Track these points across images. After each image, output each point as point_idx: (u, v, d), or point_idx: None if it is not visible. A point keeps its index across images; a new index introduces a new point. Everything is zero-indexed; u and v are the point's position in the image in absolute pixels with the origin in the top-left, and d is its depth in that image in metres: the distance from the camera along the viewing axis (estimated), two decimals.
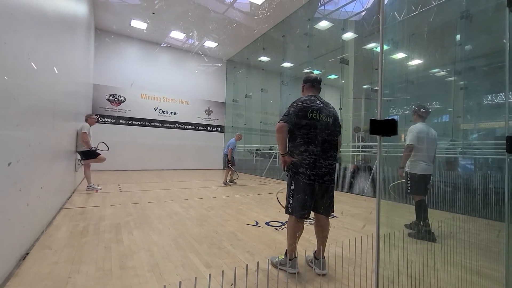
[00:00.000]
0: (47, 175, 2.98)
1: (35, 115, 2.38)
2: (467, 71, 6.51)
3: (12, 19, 1.78)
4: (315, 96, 2.19)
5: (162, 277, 1.94)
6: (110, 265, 2.11)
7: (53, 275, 1.93)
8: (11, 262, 1.94)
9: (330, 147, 2.08)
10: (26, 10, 2.06)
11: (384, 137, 0.92)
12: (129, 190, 5.88)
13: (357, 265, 2.17)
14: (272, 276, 2.02)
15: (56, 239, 2.66)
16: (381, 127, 0.86)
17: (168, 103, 12.27)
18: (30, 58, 2.15)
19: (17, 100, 1.88)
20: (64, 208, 3.97)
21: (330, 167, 2.07)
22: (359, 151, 8.55)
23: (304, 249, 2.58)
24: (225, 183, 7.29)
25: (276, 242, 2.78)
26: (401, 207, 4.82)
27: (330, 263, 2.25)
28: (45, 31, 2.64)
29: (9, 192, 1.82)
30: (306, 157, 2.02)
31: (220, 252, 2.47)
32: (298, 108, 2.06)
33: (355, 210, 4.56)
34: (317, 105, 2.09)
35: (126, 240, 2.69)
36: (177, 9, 9.34)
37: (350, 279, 1.97)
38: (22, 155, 2.03)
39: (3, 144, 1.68)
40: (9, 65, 1.73)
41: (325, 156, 2.05)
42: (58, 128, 3.44)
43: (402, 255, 2.26)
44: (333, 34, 9.70)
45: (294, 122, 2.04)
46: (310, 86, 2.27)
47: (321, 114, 2.07)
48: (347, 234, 3.17)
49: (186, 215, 3.84)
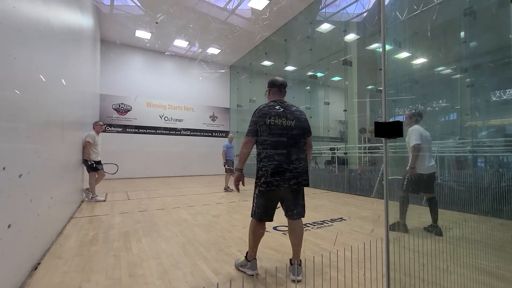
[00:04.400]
0: (57, 185, 3.03)
1: (44, 127, 2.43)
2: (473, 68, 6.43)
3: (21, 34, 1.83)
4: (276, 101, 2.18)
5: (171, 284, 1.94)
6: (120, 274, 2.12)
7: (64, 284, 1.95)
8: (23, 273, 1.97)
9: (294, 150, 2.06)
10: (34, 25, 2.12)
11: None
12: (137, 198, 5.93)
13: (367, 269, 2.14)
14: (280, 281, 2.01)
15: (67, 249, 2.69)
16: (386, 129, 0.85)
17: (173, 111, 12.40)
18: (39, 71, 2.21)
19: (27, 113, 1.93)
20: (74, 217, 4.02)
21: (295, 171, 2.04)
22: (366, 152, 8.47)
23: (313, 255, 2.56)
24: (226, 189, 7.13)
25: (285, 247, 2.75)
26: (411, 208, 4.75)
27: (340, 267, 2.21)
28: (52, 44, 2.72)
29: (20, 203, 1.86)
30: (268, 163, 2.02)
31: (229, 258, 2.46)
32: (257, 116, 2.09)
33: (363, 212, 4.50)
34: (276, 110, 2.08)
35: (135, 248, 2.70)
36: (180, 18, 9.50)
37: (361, 283, 1.94)
38: (33, 167, 2.08)
39: (14, 157, 1.72)
40: (19, 79, 1.78)
41: (288, 161, 2.02)
42: (67, 139, 3.50)
43: (413, 257, 2.22)
44: (335, 36, 9.71)
45: (256, 133, 2.08)
46: (277, 91, 2.26)
47: (280, 119, 2.06)
48: (356, 237, 3.13)
49: (194, 221, 3.84)
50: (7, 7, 1.59)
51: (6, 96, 1.57)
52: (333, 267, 2.17)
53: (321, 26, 9.49)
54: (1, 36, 1.51)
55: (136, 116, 11.49)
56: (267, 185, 2.02)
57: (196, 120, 13.01)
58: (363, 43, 9.49)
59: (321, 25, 9.45)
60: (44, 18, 2.42)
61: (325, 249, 2.71)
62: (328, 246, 2.78)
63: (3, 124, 1.54)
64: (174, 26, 10.00)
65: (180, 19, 9.52)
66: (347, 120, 8.77)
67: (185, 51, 12.23)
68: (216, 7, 9.04)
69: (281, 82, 2.27)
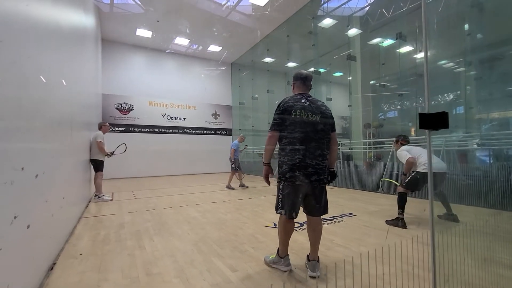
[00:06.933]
0: (68, 185, 3.02)
1: (56, 127, 2.42)
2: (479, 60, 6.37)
3: (34, 33, 1.81)
4: (302, 94, 2.14)
5: (189, 282, 1.94)
6: (137, 272, 2.11)
7: (82, 284, 1.94)
8: (41, 273, 1.96)
9: (317, 146, 2.01)
10: (44, 25, 2.10)
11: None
12: (143, 197, 5.93)
13: (385, 264, 2.12)
14: (300, 278, 2.00)
15: (80, 248, 2.69)
16: (431, 120, 0.83)
17: (175, 109, 12.38)
18: (50, 70, 2.19)
19: (41, 112, 1.91)
20: (83, 217, 4.03)
21: (317, 167, 2.00)
22: (371, 148, 8.44)
23: (327, 250, 2.55)
24: (229, 187, 7.13)
25: (298, 242, 2.74)
26: (422, 202, 4.74)
27: (355, 261, 2.20)
28: (61, 44, 2.69)
29: (37, 204, 1.85)
30: (293, 158, 1.98)
31: (243, 255, 2.46)
32: (283, 109, 2.03)
33: (371, 207, 4.49)
34: (302, 104, 2.03)
35: (148, 247, 2.70)
36: (181, 16, 9.44)
37: (379, 277, 1.93)
38: (47, 167, 2.06)
39: (32, 156, 1.71)
40: (32, 78, 1.76)
41: (312, 156, 1.98)
42: (75, 139, 3.49)
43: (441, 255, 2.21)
44: (338, 31, 9.64)
45: (281, 126, 2.02)
46: (301, 84, 2.20)
47: (306, 112, 2.01)
48: (368, 232, 3.12)
49: (203, 219, 3.84)
50: (21, 5, 1.57)
51: (23, 95, 1.56)
52: (349, 263, 2.16)
53: (323, 21, 9.42)
54: (16, 33, 1.48)
55: (138, 116, 11.47)
56: (293, 179, 1.98)
57: (199, 118, 12.99)
58: (366, 37, 9.42)
59: (323, 20, 9.37)
60: (53, 17, 2.39)
61: (340, 244, 2.70)
62: (342, 242, 2.78)
63: (22, 123, 1.53)
64: (175, 24, 9.94)
65: (181, 16, 9.46)
66: (351, 115, 8.73)
67: (186, 49, 12.16)
68: (217, 4, 8.97)
69: (306, 75, 2.21)
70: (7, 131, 1.34)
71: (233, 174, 7.16)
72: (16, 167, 1.44)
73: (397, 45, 7.72)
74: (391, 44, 9.06)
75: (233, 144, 7.12)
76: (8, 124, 1.35)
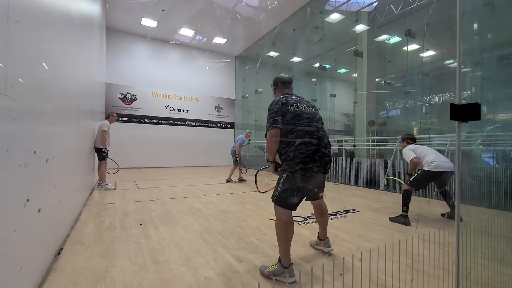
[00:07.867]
0: (74, 172, 3.03)
1: (64, 113, 2.41)
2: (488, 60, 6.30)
3: (47, 17, 1.79)
4: (288, 94, 2.16)
5: (196, 271, 1.95)
6: (144, 260, 2.13)
7: (90, 269, 1.96)
8: (49, 257, 1.98)
9: (324, 134, 2.02)
10: (55, 10, 2.07)
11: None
12: (146, 187, 5.95)
13: (388, 259, 2.13)
14: (306, 271, 2.01)
15: (86, 235, 2.70)
16: (462, 112, 0.81)
17: (178, 101, 12.34)
18: (61, 56, 2.17)
19: (51, 97, 1.90)
20: (87, 204, 4.05)
21: (330, 155, 2.02)
22: (374, 145, 8.42)
23: (333, 245, 2.55)
24: (229, 180, 7.12)
25: (302, 236, 2.76)
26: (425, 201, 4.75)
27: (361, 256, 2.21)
28: (71, 30, 2.66)
29: (47, 189, 1.85)
30: (305, 150, 1.86)
31: (249, 246, 2.47)
32: (279, 106, 1.97)
33: (374, 204, 4.50)
34: (294, 99, 2.05)
35: (154, 235, 2.72)
36: (187, 6, 9.33)
37: (380, 270, 1.94)
38: (56, 152, 2.06)
39: (42, 140, 1.70)
40: (46, 61, 1.74)
41: (323, 144, 1.95)
42: (81, 126, 3.48)
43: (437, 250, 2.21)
44: (345, 26, 9.53)
45: (281, 121, 1.94)
46: (283, 87, 2.23)
47: (302, 105, 2.02)
48: (373, 228, 3.13)
49: (207, 210, 3.86)
50: None
51: (38, 77, 1.54)
52: (355, 257, 2.17)
53: (331, 16, 9.31)
54: (31, 15, 1.46)
55: (141, 106, 11.45)
56: (305, 171, 1.86)
57: (202, 111, 12.96)
58: (373, 34, 9.31)
59: (331, 15, 9.26)
60: (63, 2, 2.36)
61: (344, 239, 2.71)
62: (347, 237, 2.79)
63: (35, 105, 1.52)
64: (181, 13, 9.82)
65: (187, 7, 9.34)
66: (355, 112, 8.69)
67: (190, 40, 12.05)
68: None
69: (287, 78, 2.26)
70: (22, 111, 1.33)
71: (235, 168, 7.16)
72: (30, 149, 1.44)
73: (405, 42, 7.63)
74: (398, 41, 8.96)
75: (240, 138, 7.09)
76: (23, 105, 1.34)
